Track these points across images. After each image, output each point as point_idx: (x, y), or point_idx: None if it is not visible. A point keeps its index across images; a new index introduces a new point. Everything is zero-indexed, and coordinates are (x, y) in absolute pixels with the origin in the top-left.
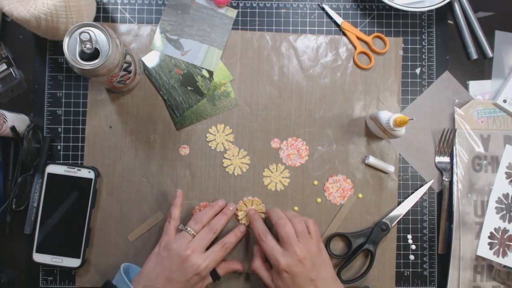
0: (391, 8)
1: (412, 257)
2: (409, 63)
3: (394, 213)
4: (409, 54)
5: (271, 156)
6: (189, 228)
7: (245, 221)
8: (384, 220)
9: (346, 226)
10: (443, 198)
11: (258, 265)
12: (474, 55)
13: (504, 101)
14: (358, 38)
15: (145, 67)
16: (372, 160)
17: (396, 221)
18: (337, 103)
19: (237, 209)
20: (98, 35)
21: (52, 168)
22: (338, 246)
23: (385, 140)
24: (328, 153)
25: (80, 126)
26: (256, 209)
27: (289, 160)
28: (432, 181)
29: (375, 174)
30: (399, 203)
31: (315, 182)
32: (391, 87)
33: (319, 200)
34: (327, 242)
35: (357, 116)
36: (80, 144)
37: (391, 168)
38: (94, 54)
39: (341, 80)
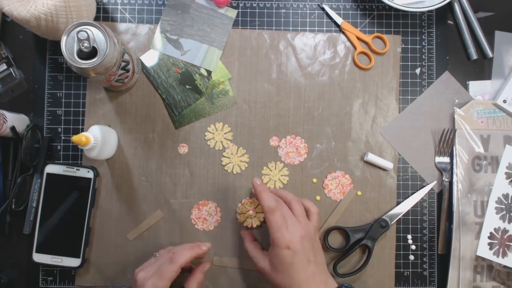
0: (391, 8)
1: (412, 257)
2: (409, 63)
3: (394, 211)
4: (409, 54)
5: (270, 154)
6: (157, 253)
7: (247, 224)
8: (384, 217)
9: (345, 222)
10: (443, 198)
11: (249, 244)
12: (474, 55)
13: (504, 101)
14: (358, 38)
15: (143, 66)
16: (371, 157)
17: (396, 219)
18: (336, 101)
19: (237, 212)
20: (96, 34)
21: (51, 168)
22: (336, 239)
23: (384, 137)
24: (327, 150)
25: (80, 126)
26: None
27: (288, 158)
28: (435, 182)
29: (374, 172)
30: (398, 203)
31: (314, 180)
32: (389, 85)
33: (318, 198)
34: (326, 235)
35: (356, 113)
36: None
37: (389, 165)
38: (92, 53)
39: (339, 78)
